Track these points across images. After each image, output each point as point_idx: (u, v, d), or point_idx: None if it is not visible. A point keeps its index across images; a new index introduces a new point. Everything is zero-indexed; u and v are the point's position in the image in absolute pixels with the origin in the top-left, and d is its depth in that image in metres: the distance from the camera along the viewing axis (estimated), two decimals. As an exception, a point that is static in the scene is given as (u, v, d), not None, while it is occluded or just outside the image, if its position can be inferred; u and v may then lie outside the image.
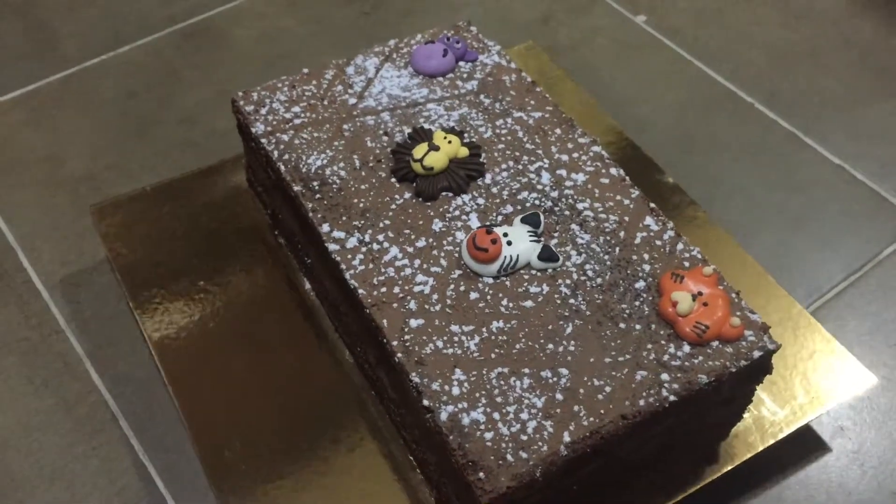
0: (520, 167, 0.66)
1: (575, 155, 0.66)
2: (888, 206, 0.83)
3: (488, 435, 0.52)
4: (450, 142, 0.64)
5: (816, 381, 0.66)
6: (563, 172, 0.65)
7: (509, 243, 0.59)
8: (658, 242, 0.61)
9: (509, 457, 0.51)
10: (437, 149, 0.63)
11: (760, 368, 0.58)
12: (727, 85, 0.95)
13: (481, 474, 0.51)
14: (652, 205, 0.63)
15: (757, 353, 0.55)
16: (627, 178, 0.65)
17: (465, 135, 0.67)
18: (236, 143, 0.87)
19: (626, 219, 0.62)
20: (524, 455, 0.51)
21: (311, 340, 0.69)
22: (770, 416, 0.64)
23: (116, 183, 0.84)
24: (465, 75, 0.73)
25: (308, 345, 0.69)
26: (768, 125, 0.90)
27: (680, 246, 0.61)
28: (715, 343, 0.56)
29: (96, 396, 0.70)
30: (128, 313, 0.74)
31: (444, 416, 0.53)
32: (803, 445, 0.68)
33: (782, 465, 0.66)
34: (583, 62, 0.96)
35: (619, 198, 0.63)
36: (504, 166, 0.66)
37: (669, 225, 0.62)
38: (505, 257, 0.58)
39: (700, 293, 0.57)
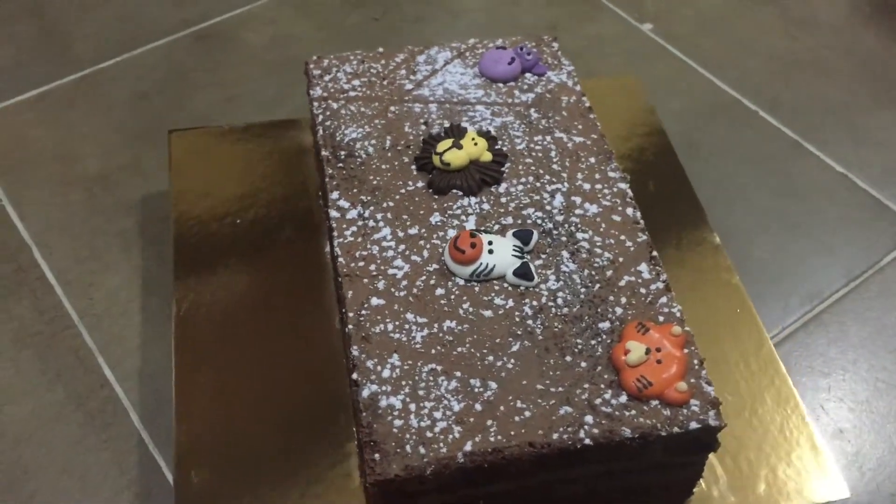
0: (538, 185, 0.65)
1: (598, 186, 0.66)
2: (889, 213, 0.84)
3: (398, 422, 0.53)
4: (476, 144, 0.65)
5: (783, 475, 0.62)
6: (578, 200, 0.65)
7: (491, 252, 0.59)
8: (642, 290, 0.59)
9: (408, 448, 0.52)
10: (460, 147, 0.64)
11: (700, 442, 0.55)
12: (731, 92, 0.96)
13: (377, 455, 0.52)
14: (654, 253, 0.62)
15: (694, 425, 0.53)
16: (642, 221, 0.64)
17: (500, 142, 0.68)
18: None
19: (621, 259, 0.61)
20: (422, 450, 0.52)
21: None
22: (719, 500, 0.61)
23: (129, 182, 0.86)
24: (525, 86, 0.73)
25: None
26: (771, 132, 0.92)
27: (663, 299, 0.59)
28: (655, 402, 0.54)
29: (108, 390, 0.71)
30: (139, 310, 0.76)
31: (365, 392, 0.55)
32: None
33: (782, 465, 0.67)
34: (588, 69, 0.97)
35: (622, 237, 0.62)
36: (523, 180, 0.66)
37: (662, 277, 0.60)
38: (481, 263, 0.59)
39: (658, 349, 0.55)
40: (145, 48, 0.99)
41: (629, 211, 0.64)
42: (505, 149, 0.68)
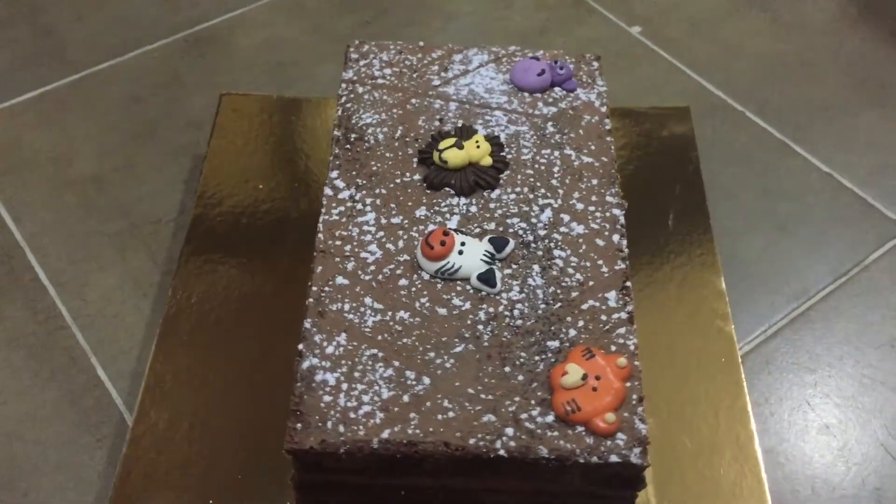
0: (531, 196, 0.65)
1: (591, 208, 0.65)
2: (875, 212, 0.85)
3: (327, 398, 0.54)
4: (478, 147, 0.66)
5: None
6: (566, 218, 0.64)
7: (461, 252, 0.60)
8: (603, 317, 0.59)
9: (329, 424, 0.53)
10: (461, 147, 0.65)
11: (622, 478, 0.54)
12: (719, 94, 0.97)
13: (298, 425, 0.53)
14: (627, 283, 0.61)
15: (614, 458, 0.52)
16: (626, 251, 0.63)
17: (507, 150, 0.68)
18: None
19: (591, 283, 0.61)
20: (341, 429, 0.53)
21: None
22: None
23: (123, 184, 0.86)
24: (550, 99, 0.72)
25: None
26: (759, 133, 0.93)
27: (622, 330, 0.58)
28: (580, 428, 0.53)
29: (101, 390, 0.71)
30: (132, 311, 0.76)
31: (305, 364, 0.56)
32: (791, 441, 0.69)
33: (767, 460, 0.68)
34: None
35: (600, 262, 0.62)
36: (518, 189, 0.66)
37: (628, 308, 0.59)
38: (448, 262, 0.60)
39: (598, 377, 0.54)
40: (139, 52, 1.00)
41: (615, 238, 0.63)
42: (510, 157, 0.68)
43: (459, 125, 0.70)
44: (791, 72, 1.00)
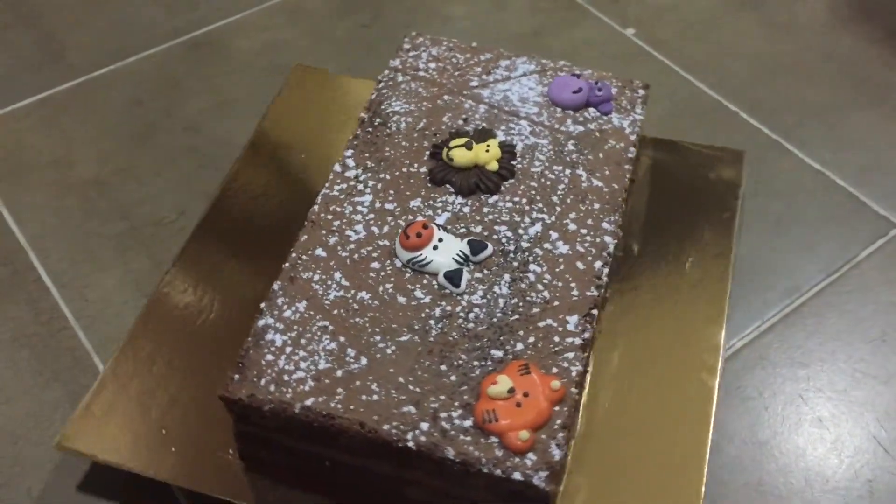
0: (526, 208, 0.66)
1: (583, 231, 0.65)
2: (866, 210, 0.86)
3: (269, 357, 0.57)
4: (488, 151, 0.66)
5: None
6: (555, 235, 0.64)
7: (435, 248, 0.61)
8: (556, 339, 0.59)
9: (262, 381, 0.56)
10: (469, 148, 0.66)
11: (524, 497, 0.54)
12: (712, 94, 0.98)
13: (236, 376, 0.57)
14: (593, 311, 0.60)
15: (517, 476, 0.52)
16: (603, 279, 0.62)
17: (519, 159, 0.69)
18: (237, 151, 0.90)
19: (556, 304, 0.60)
20: (272, 388, 0.56)
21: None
22: None
23: (123, 187, 0.87)
24: (581, 118, 0.72)
25: None
26: (751, 133, 0.94)
27: (570, 355, 0.58)
28: (494, 439, 0.53)
29: (104, 389, 0.72)
30: (133, 311, 0.77)
31: (261, 322, 0.59)
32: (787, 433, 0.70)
33: (761, 453, 0.69)
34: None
35: (573, 285, 0.61)
36: (516, 199, 0.66)
37: (585, 335, 0.59)
38: (419, 254, 0.61)
39: (526, 394, 0.54)
40: (139, 56, 1.01)
41: (597, 264, 0.63)
42: (519, 167, 0.68)
43: (481, 127, 0.70)
44: (783, 72, 1.01)
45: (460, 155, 0.66)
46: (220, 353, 0.66)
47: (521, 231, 0.64)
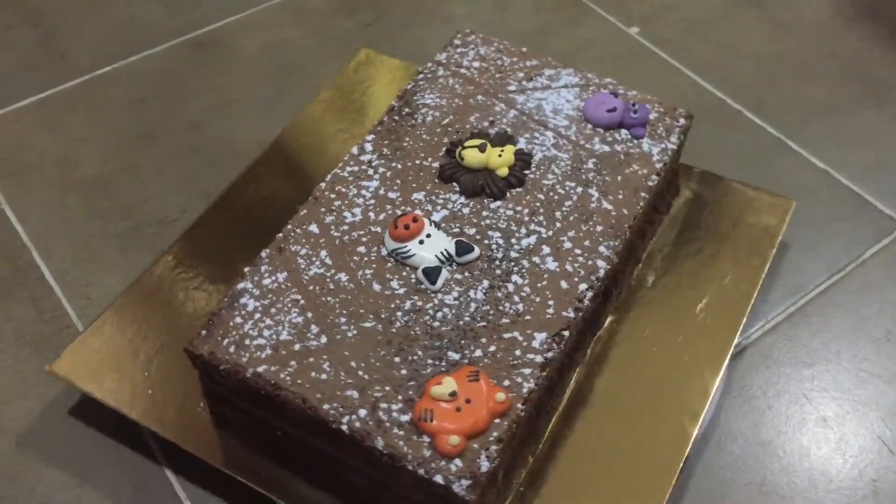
0: (526, 219, 0.65)
1: (577, 251, 0.63)
2: (871, 208, 0.86)
3: (238, 320, 0.59)
4: (500, 156, 0.66)
5: None
6: (546, 250, 0.63)
7: (421, 242, 0.61)
8: (517, 353, 0.58)
9: (226, 341, 0.58)
10: (482, 150, 0.66)
11: (444, 501, 0.54)
12: (716, 93, 0.98)
13: (203, 332, 0.59)
14: (564, 332, 0.59)
15: (438, 479, 0.52)
16: (585, 303, 0.60)
17: (533, 170, 0.67)
18: (240, 149, 0.90)
19: (527, 318, 0.59)
20: (231, 349, 0.58)
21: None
22: None
23: (126, 185, 0.87)
24: (609, 139, 0.70)
25: None
26: (755, 131, 0.94)
27: (527, 371, 0.57)
28: (426, 438, 0.53)
29: (106, 387, 0.72)
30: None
31: (240, 286, 0.61)
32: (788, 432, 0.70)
33: (765, 452, 0.69)
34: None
35: (551, 303, 0.60)
36: (518, 208, 0.65)
37: (548, 356, 0.58)
38: (404, 246, 0.61)
39: (468, 401, 0.53)
40: (142, 55, 1.01)
41: (581, 286, 0.61)
42: (531, 177, 0.67)
43: (503, 132, 0.69)
44: (787, 71, 1.00)
45: (471, 156, 0.66)
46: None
47: (513, 240, 0.63)
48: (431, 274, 0.60)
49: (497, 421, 0.54)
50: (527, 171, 0.67)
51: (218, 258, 0.75)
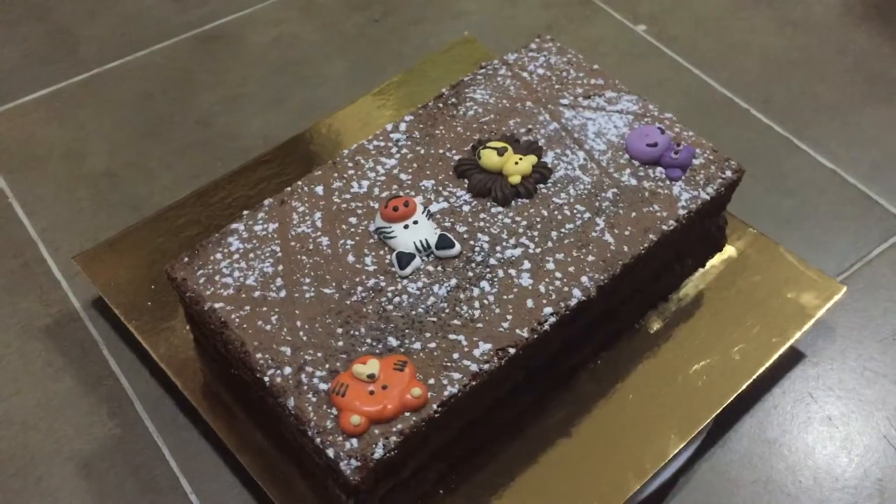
0: (519, 231, 0.63)
1: (558, 275, 0.61)
2: (878, 207, 0.86)
3: (218, 255, 0.63)
4: (517, 164, 0.65)
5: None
6: (526, 265, 0.61)
7: (406, 227, 0.62)
8: (456, 356, 0.57)
9: (199, 273, 0.62)
10: (501, 154, 0.66)
11: (335, 474, 0.54)
12: (724, 91, 0.98)
13: (185, 259, 0.63)
14: (510, 349, 0.58)
15: (330, 452, 0.53)
16: (545, 327, 0.58)
17: (549, 185, 0.66)
18: (248, 144, 0.90)
19: (479, 326, 0.58)
20: (201, 281, 0.61)
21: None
22: None
23: (134, 179, 0.87)
24: (641, 173, 0.67)
25: None
26: (763, 130, 0.93)
27: (457, 376, 0.56)
28: (334, 411, 0.54)
29: (113, 380, 0.73)
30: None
31: (234, 225, 0.64)
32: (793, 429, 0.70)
33: (770, 451, 0.69)
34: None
35: (508, 317, 0.59)
36: (517, 219, 0.64)
37: (485, 368, 0.57)
38: (388, 226, 0.62)
39: (385, 387, 0.53)
40: (150, 49, 1.01)
41: (546, 310, 0.59)
42: (543, 191, 0.65)
43: (534, 142, 0.68)
44: (795, 69, 1.00)
45: (488, 156, 0.66)
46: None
47: (498, 248, 0.62)
48: (402, 259, 0.61)
49: (407, 414, 0.54)
50: (541, 185, 0.66)
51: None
